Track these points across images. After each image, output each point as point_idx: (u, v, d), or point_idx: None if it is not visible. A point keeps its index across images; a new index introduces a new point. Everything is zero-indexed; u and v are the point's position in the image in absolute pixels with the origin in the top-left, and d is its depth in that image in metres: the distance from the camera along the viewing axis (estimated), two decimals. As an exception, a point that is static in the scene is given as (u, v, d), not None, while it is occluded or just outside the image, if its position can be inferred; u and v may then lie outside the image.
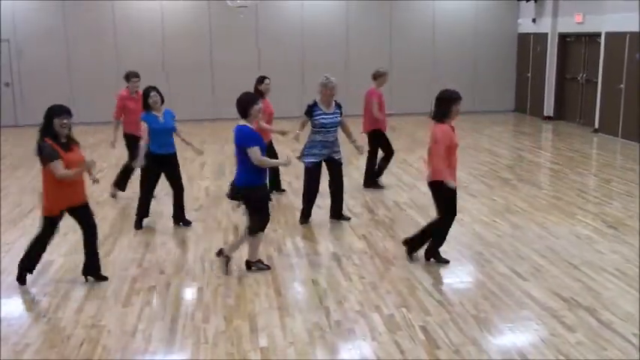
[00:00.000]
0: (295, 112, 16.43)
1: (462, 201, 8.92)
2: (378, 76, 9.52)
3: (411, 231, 7.59)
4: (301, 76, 16.84)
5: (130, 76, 9.15)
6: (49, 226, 5.93)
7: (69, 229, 7.69)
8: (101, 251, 6.92)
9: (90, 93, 16.09)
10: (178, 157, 7.78)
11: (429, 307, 5.49)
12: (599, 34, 14.28)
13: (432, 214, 8.31)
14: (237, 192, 6.20)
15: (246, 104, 6.08)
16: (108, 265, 6.54)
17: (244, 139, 5.96)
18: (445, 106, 6.14)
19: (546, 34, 16.27)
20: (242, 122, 6.09)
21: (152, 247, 7.13)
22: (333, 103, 7.68)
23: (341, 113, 7.73)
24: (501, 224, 7.79)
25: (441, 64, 17.30)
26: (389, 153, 9.50)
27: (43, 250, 6.08)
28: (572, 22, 15.29)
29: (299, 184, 9.74)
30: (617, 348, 4.78)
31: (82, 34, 16.00)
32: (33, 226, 7.84)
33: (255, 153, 5.91)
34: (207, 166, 11.40)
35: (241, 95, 6.21)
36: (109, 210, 8.56)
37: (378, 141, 9.43)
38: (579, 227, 7.70)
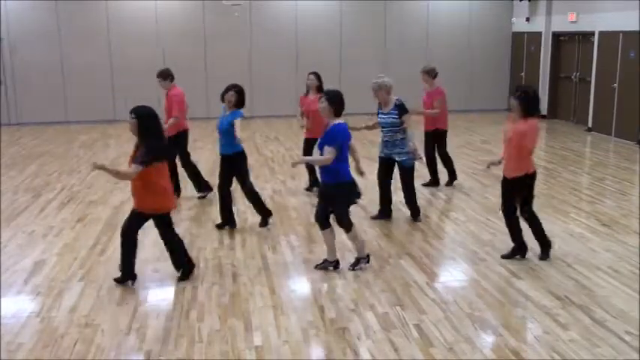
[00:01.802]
0: (289, 111, 16.49)
1: (456, 199, 8.97)
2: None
3: (405, 230, 7.61)
4: (295, 75, 16.83)
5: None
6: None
7: (64, 227, 7.69)
8: (96, 250, 6.93)
9: (83, 92, 16.05)
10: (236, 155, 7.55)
11: (423, 306, 5.50)
12: (592, 33, 14.33)
13: (427, 213, 8.35)
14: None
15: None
16: (102, 264, 6.53)
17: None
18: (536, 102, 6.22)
19: (540, 33, 16.31)
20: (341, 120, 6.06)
21: (146, 245, 7.11)
22: (392, 103, 7.57)
23: (399, 114, 7.52)
24: (495, 223, 7.80)
25: (435, 63, 17.06)
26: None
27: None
28: (566, 21, 15.33)
29: (293, 184, 9.75)
30: (610, 346, 4.80)
31: (75, 34, 15.94)
32: (27, 225, 7.83)
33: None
34: (201, 164, 11.36)
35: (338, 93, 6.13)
36: (103, 210, 8.54)
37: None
38: (573, 225, 7.73)
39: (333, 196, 6.12)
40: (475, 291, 5.83)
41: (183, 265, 6.13)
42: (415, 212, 7.94)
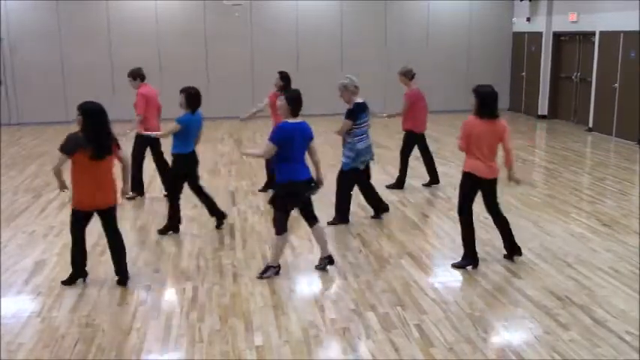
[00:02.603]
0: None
1: (456, 199, 8.93)
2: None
3: (405, 229, 7.61)
4: (295, 75, 16.78)
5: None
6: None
7: (63, 227, 7.69)
8: (96, 251, 6.93)
9: (83, 92, 16.00)
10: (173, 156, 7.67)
11: (423, 306, 5.50)
12: (593, 33, 14.32)
13: (426, 212, 8.35)
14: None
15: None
16: (102, 264, 6.52)
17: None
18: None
19: (541, 33, 16.30)
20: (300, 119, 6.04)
21: (147, 245, 7.12)
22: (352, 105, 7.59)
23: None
24: (496, 223, 7.80)
25: (436, 63, 17.32)
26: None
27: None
28: (567, 21, 15.32)
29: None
30: (610, 346, 4.80)
31: (76, 34, 15.94)
32: (27, 225, 7.83)
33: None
34: (202, 164, 11.36)
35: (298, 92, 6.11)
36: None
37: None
38: (573, 225, 7.72)
39: (276, 195, 6.12)
40: (476, 291, 5.82)
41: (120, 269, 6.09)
42: (337, 217, 7.77)
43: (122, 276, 6.02)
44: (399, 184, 9.46)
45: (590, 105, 14.56)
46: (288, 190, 6.00)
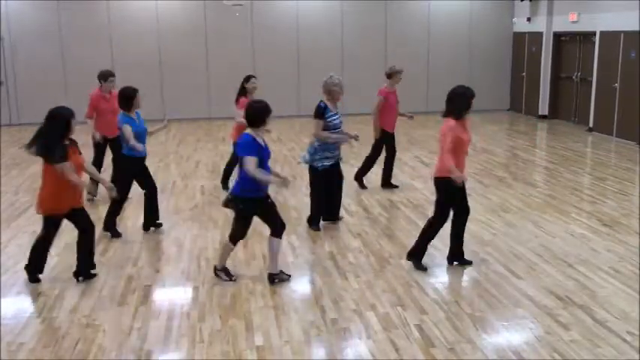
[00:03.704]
0: (290, 111, 16.49)
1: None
2: (393, 74, 9.42)
3: (406, 229, 7.61)
4: (296, 75, 16.84)
5: (108, 75, 8.87)
6: (53, 225, 5.95)
7: (64, 228, 7.68)
8: (97, 250, 6.92)
9: (84, 92, 15.94)
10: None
11: (424, 306, 5.50)
12: (593, 33, 14.32)
13: (427, 213, 8.34)
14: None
15: (266, 114, 5.84)
16: (103, 264, 6.53)
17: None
18: (459, 102, 6.15)
19: (541, 33, 16.30)
20: (249, 130, 5.84)
21: (147, 246, 7.12)
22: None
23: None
24: (496, 223, 7.80)
25: (436, 64, 17.33)
26: (390, 154, 9.45)
27: (48, 249, 6.10)
28: (567, 21, 15.32)
29: (294, 184, 9.73)
30: (611, 346, 4.80)
31: (76, 33, 15.94)
32: (27, 225, 7.82)
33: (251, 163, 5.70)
34: (202, 164, 11.40)
35: (261, 103, 5.94)
36: (103, 210, 8.52)
37: (382, 141, 9.35)
38: (574, 226, 7.72)
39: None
40: (476, 291, 5.82)
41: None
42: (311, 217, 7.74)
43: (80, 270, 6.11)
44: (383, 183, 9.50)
45: (590, 105, 14.56)
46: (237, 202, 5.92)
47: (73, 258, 6.68)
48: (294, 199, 9.00)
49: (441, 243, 7.19)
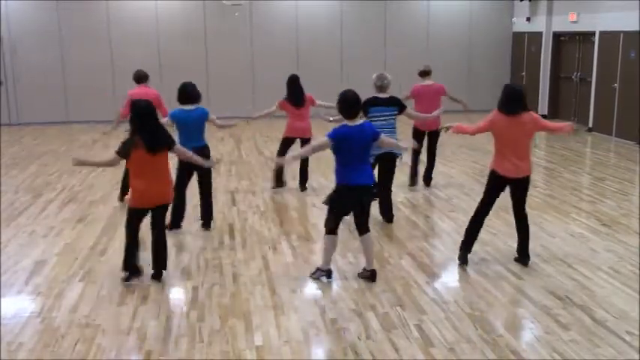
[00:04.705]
0: (290, 111, 16.47)
1: (456, 199, 8.96)
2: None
3: (405, 229, 7.61)
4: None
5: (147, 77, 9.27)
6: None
7: (64, 227, 7.70)
8: (96, 250, 6.94)
9: (84, 92, 16.05)
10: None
11: (423, 306, 5.50)
12: (593, 33, 14.32)
13: (427, 213, 8.35)
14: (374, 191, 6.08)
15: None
16: (102, 264, 6.53)
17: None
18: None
19: (541, 33, 16.31)
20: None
21: (147, 245, 7.11)
22: None
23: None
24: (496, 223, 7.80)
25: (436, 63, 17.23)
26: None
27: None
28: (567, 21, 15.33)
29: (294, 184, 9.74)
30: (610, 346, 4.80)
31: (76, 33, 15.94)
32: (27, 225, 7.83)
33: None
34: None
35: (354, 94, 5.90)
36: (103, 210, 8.54)
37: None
38: (573, 225, 7.73)
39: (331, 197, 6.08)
40: (476, 291, 5.83)
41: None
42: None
43: (157, 271, 6.08)
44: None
45: (590, 105, 14.57)
46: (339, 194, 5.92)
47: (72, 257, 6.70)
48: (294, 199, 9.00)
49: (440, 243, 7.20)
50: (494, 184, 6.36)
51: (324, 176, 10.05)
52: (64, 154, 12.30)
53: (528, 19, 16.76)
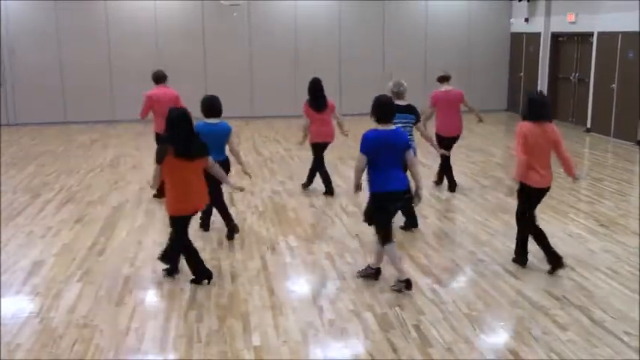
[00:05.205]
0: (288, 112, 16.49)
1: (455, 200, 8.97)
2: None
3: (406, 231, 7.61)
4: (294, 75, 16.82)
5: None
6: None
7: (62, 227, 7.69)
8: (94, 251, 6.93)
9: (82, 92, 16.03)
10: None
11: (422, 306, 5.51)
12: (591, 34, 14.34)
13: (425, 213, 8.35)
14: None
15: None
16: (100, 264, 6.53)
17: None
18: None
19: (539, 33, 16.31)
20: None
21: (145, 246, 7.12)
22: None
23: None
24: (494, 223, 7.81)
25: (434, 64, 17.30)
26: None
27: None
28: (565, 22, 15.33)
29: (292, 185, 9.75)
30: (608, 346, 4.81)
31: (74, 34, 15.92)
32: (25, 225, 7.82)
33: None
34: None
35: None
36: (101, 210, 8.54)
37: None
38: (571, 226, 7.73)
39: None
40: (474, 291, 5.83)
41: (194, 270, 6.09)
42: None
43: (199, 276, 6.03)
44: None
45: (588, 105, 14.58)
46: (376, 200, 5.81)
47: (70, 258, 6.70)
48: (292, 200, 9.00)
49: (438, 243, 7.20)
50: (527, 197, 6.25)
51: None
52: (62, 155, 12.30)
53: (526, 20, 16.77)
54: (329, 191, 9.09)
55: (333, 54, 16.99)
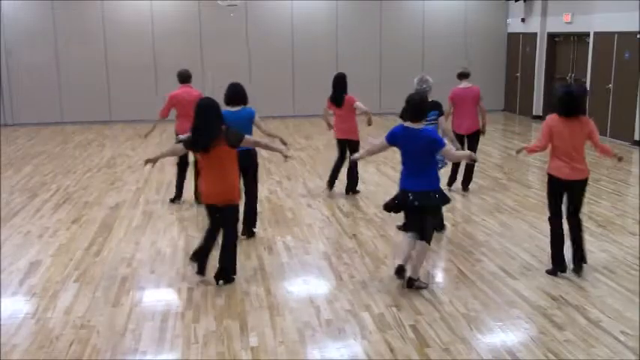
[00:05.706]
0: (286, 111, 16.50)
1: (452, 200, 8.95)
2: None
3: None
4: (291, 75, 16.84)
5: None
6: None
7: (59, 228, 7.68)
8: (91, 251, 6.92)
9: (79, 93, 16.01)
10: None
11: (419, 306, 5.51)
12: (587, 34, 14.36)
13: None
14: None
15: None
16: (97, 265, 6.51)
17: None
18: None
19: (535, 33, 16.34)
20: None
21: (142, 246, 7.11)
22: None
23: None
24: (491, 223, 7.81)
25: (431, 64, 17.32)
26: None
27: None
28: (561, 22, 15.36)
29: (289, 185, 9.74)
30: (605, 346, 4.81)
31: (71, 34, 15.90)
32: (22, 225, 7.80)
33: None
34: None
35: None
36: (98, 210, 8.52)
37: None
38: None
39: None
40: (471, 291, 5.83)
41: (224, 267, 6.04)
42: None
43: (225, 273, 5.99)
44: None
45: (585, 106, 14.57)
46: (398, 198, 5.86)
47: (67, 259, 6.69)
48: (290, 200, 9.00)
49: (435, 243, 7.20)
50: (551, 188, 6.30)
51: (320, 178, 10.06)
52: (58, 155, 12.28)
53: (523, 20, 16.80)
54: (350, 189, 9.07)
55: (330, 54, 16.98)
